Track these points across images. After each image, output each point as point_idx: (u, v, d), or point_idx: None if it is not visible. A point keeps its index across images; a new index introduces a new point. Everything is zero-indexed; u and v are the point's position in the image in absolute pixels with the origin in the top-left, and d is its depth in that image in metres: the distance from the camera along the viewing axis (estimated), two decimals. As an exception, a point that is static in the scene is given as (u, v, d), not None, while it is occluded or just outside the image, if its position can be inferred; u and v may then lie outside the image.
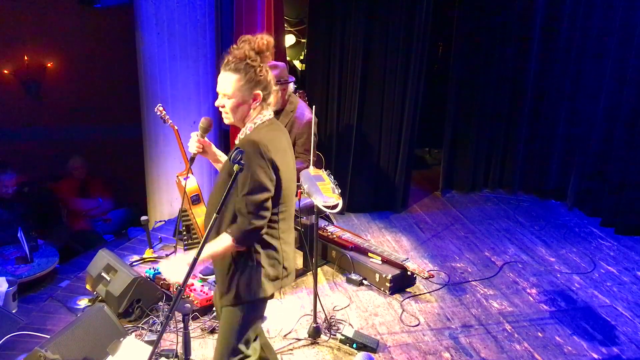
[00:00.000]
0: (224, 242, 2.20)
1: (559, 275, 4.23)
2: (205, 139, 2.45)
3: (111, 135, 6.42)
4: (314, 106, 3.61)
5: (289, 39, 6.36)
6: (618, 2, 4.83)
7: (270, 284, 2.31)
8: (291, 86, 4.09)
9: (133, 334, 3.19)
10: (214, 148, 2.50)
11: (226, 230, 2.21)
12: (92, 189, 5.69)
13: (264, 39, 2.25)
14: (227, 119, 2.31)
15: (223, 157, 2.52)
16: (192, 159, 2.47)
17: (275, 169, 2.21)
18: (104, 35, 6.08)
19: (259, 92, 2.25)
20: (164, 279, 3.67)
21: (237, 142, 2.34)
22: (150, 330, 3.29)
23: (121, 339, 2.77)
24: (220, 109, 2.30)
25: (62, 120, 6.30)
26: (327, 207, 3.08)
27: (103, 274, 3.56)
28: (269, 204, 2.21)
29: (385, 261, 4.02)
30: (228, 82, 2.23)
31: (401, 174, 5.25)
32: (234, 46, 2.27)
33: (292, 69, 6.26)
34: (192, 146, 2.43)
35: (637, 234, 4.87)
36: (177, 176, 4.32)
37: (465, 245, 4.72)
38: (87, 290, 3.74)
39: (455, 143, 5.78)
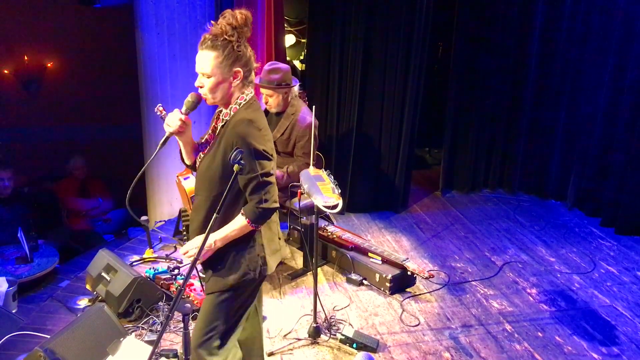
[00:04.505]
0: (238, 223, 2.22)
1: (559, 275, 4.23)
2: (188, 117, 2.29)
3: (111, 135, 6.42)
4: (314, 106, 3.61)
5: (289, 39, 6.36)
6: (618, 2, 4.84)
7: (272, 258, 2.36)
8: (295, 89, 4.08)
9: (133, 334, 3.19)
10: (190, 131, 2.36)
11: (242, 210, 2.22)
12: (92, 189, 5.70)
13: (242, 13, 2.19)
14: (208, 100, 2.25)
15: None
16: (166, 140, 2.25)
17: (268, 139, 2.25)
18: (104, 35, 6.09)
19: (239, 69, 2.20)
20: (164, 279, 3.67)
21: (220, 125, 2.29)
22: (150, 330, 3.29)
23: (121, 339, 2.77)
24: (200, 90, 2.24)
25: (62, 120, 6.31)
26: (327, 207, 3.08)
27: (103, 274, 3.56)
28: (273, 174, 2.23)
29: (385, 261, 4.02)
30: (206, 60, 2.17)
31: (401, 174, 5.25)
32: (212, 22, 2.22)
33: (292, 69, 6.26)
34: (173, 123, 2.23)
35: (637, 234, 4.87)
36: (177, 176, 4.32)
37: (465, 245, 4.72)
38: (87, 290, 3.74)
39: (455, 143, 5.78)
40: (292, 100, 4.03)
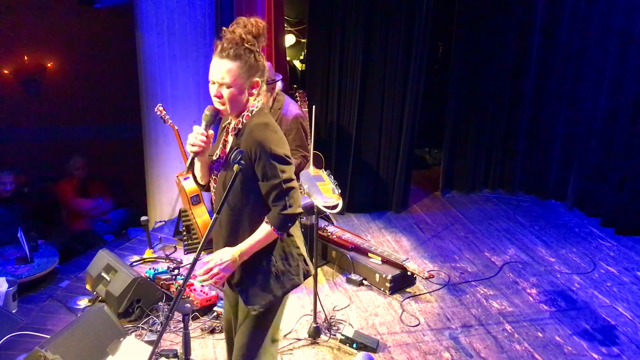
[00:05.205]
0: (263, 232, 2.14)
1: (559, 275, 4.23)
2: (211, 132, 2.18)
3: (111, 135, 6.42)
4: (314, 106, 3.61)
5: (289, 39, 6.35)
6: (619, 1, 4.83)
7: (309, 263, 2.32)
8: (279, 84, 4.08)
9: (133, 334, 3.19)
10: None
11: (265, 218, 2.14)
12: (92, 189, 5.69)
13: (259, 22, 2.13)
14: (225, 110, 2.14)
15: None
16: (192, 161, 2.15)
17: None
18: (104, 35, 6.08)
19: (257, 79, 2.14)
20: (164, 279, 3.67)
21: (230, 135, 2.22)
22: (150, 330, 3.29)
23: (121, 339, 2.77)
24: (216, 99, 2.13)
25: (62, 120, 6.30)
26: (327, 207, 3.08)
27: (103, 274, 3.56)
28: (295, 178, 2.15)
29: (385, 261, 4.02)
30: (226, 70, 2.07)
31: (401, 174, 5.25)
32: (226, 30, 2.11)
33: (292, 69, 6.26)
34: (197, 142, 2.12)
35: (637, 234, 4.87)
36: (177, 176, 4.32)
37: (465, 245, 4.72)
38: (87, 290, 3.74)
39: (455, 143, 5.78)
40: (277, 96, 4.04)
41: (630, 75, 4.79)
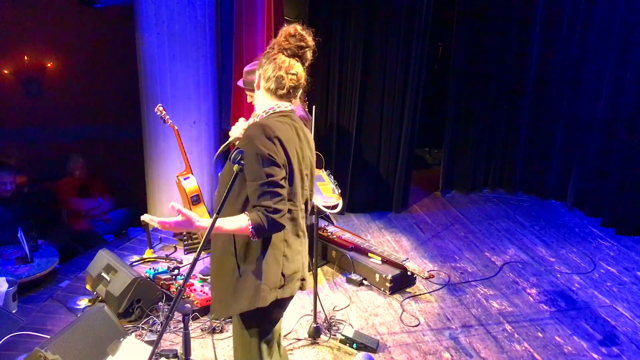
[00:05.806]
0: (240, 222, 2.00)
1: (559, 275, 4.23)
2: None
3: (111, 135, 6.42)
4: (314, 107, 3.61)
5: (289, 39, 6.35)
6: (618, 2, 4.83)
7: (272, 292, 2.13)
8: None
9: (133, 334, 3.19)
10: None
11: (247, 212, 2.02)
12: (92, 189, 5.69)
13: (286, 29, 2.28)
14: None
15: None
16: (227, 144, 2.53)
17: (285, 151, 2.05)
18: (104, 35, 6.09)
19: (259, 73, 2.21)
20: (164, 279, 3.67)
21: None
22: (150, 330, 3.29)
23: (121, 339, 2.77)
24: None
25: (62, 120, 6.30)
26: (327, 207, 3.08)
27: (103, 274, 3.56)
28: (284, 186, 2.04)
29: (385, 261, 4.02)
30: None
31: (401, 174, 5.26)
32: None
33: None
34: (236, 130, 2.52)
35: (637, 234, 4.88)
36: (177, 176, 4.32)
37: (465, 245, 4.72)
38: (87, 290, 3.74)
39: (455, 143, 5.79)
40: None
41: (630, 75, 4.79)
